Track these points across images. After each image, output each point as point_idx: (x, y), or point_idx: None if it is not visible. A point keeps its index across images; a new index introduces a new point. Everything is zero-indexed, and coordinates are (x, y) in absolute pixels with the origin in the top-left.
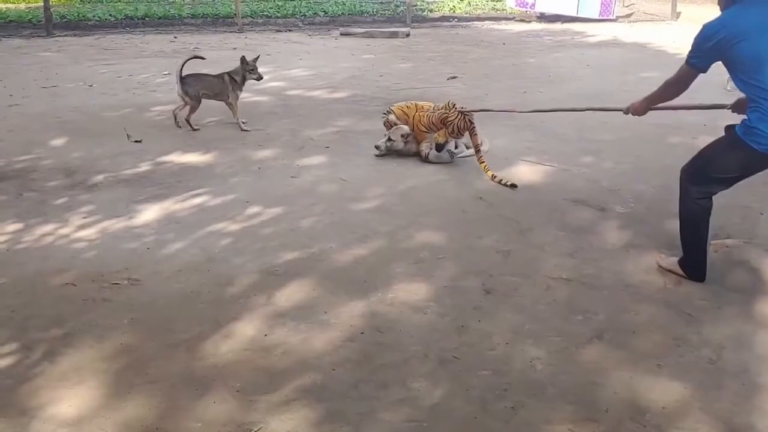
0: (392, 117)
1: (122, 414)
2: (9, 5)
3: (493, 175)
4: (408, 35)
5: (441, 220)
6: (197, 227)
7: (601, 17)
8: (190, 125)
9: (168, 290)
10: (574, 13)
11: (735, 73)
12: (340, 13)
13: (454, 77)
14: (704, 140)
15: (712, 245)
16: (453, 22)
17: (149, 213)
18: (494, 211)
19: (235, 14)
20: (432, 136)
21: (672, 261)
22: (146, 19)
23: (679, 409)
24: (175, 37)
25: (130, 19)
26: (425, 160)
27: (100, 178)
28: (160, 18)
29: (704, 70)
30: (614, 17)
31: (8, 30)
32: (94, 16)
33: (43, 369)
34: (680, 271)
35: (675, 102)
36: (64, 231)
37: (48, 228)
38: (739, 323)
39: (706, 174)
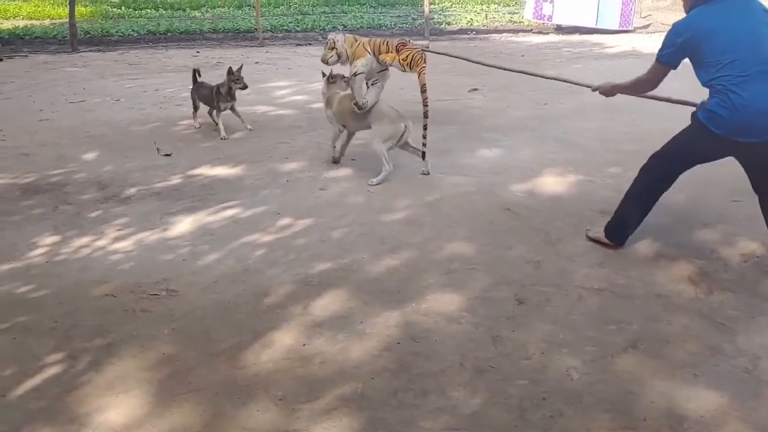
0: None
1: (168, 422)
2: (34, 21)
3: (425, 126)
4: (427, 48)
5: (470, 231)
6: (231, 239)
7: (620, 28)
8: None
9: (206, 301)
10: (593, 25)
11: (700, 66)
12: (358, 26)
13: (475, 89)
14: None
15: (742, 255)
16: (471, 35)
17: (183, 225)
18: (522, 221)
19: (255, 29)
20: (363, 65)
21: (599, 231)
22: (168, 34)
23: (718, 418)
24: (198, 52)
25: (152, 34)
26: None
27: (132, 191)
28: (181, 33)
29: (674, 66)
30: (632, 28)
31: (34, 46)
32: (117, 32)
33: (89, 378)
34: (602, 238)
35: (647, 93)
36: (101, 243)
37: (85, 240)
38: None
39: (673, 155)
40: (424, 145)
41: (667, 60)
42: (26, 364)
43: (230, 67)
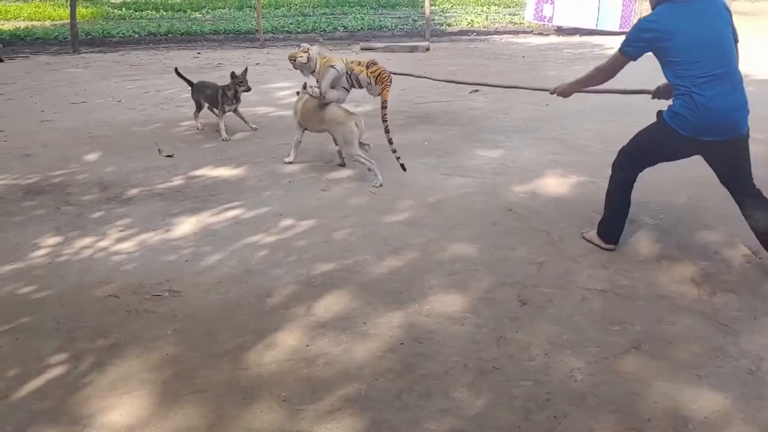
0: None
1: (172, 423)
2: (35, 22)
3: (391, 139)
4: (427, 49)
5: (472, 232)
6: (233, 239)
7: (621, 30)
8: (195, 120)
9: (209, 301)
10: (593, 26)
11: (665, 64)
12: (359, 28)
13: (476, 90)
14: None
15: (745, 257)
16: (472, 36)
17: (185, 226)
18: (524, 222)
19: (256, 30)
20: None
21: (594, 233)
22: (169, 35)
23: (722, 419)
24: (199, 53)
25: (153, 35)
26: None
27: (134, 191)
28: (182, 34)
29: (635, 59)
30: None
31: (35, 47)
32: (118, 33)
33: (92, 379)
34: (598, 241)
35: (602, 86)
36: (103, 244)
37: (87, 241)
38: None
39: (639, 153)
40: (398, 158)
41: (629, 53)
42: (29, 365)
43: (233, 72)
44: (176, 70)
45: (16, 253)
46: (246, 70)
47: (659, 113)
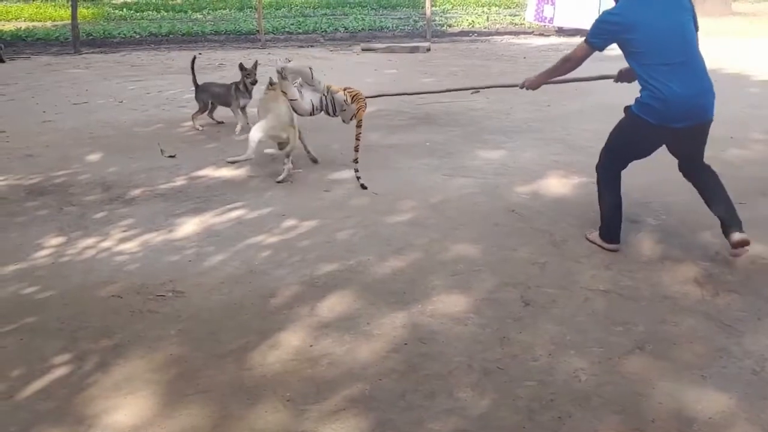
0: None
1: (177, 423)
2: (36, 23)
3: (356, 159)
4: (428, 50)
5: (475, 233)
6: (236, 240)
7: None
8: (194, 122)
9: (212, 302)
10: None
11: (628, 55)
12: (360, 28)
13: (477, 91)
14: (732, 153)
15: (747, 258)
16: (472, 37)
17: (188, 226)
18: (527, 223)
19: (257, 30)
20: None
21: (596, 234)
22: (170, 36)
23: (726, 420)
24: (200, 54)
25: (154, 36)
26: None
27: (137, 192)
28: (183, 35)
29: (601, 50)
30: None
31: (36, 47)
32: (119, 34)
33: (96, 379)
34: (600, 242)
35: (566, 76)
36: (106, 244)
37: (90, 241)
38: None
39: (618, 149)
40: (358, 177)
41: (594, 44)
42: (34, 365)
43: (241, 63)
44: (194, 60)
45: (19, 253)
46: (256, 63)
47: (627, 108)
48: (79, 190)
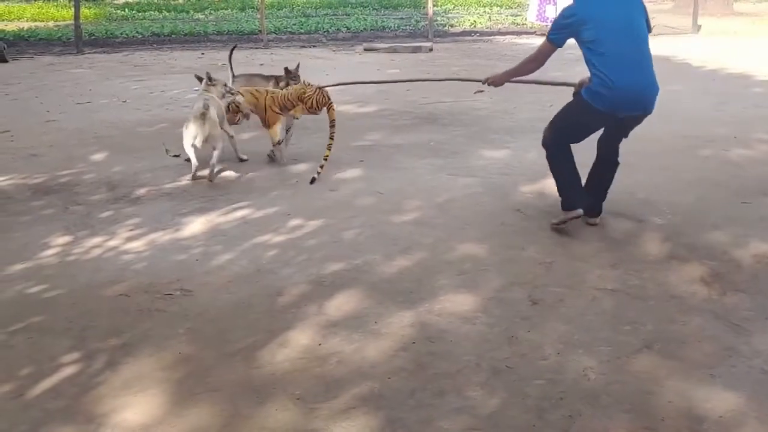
0: (239, 98)
1: (187, 421)
2: (38, 23)
3: (326, 157)
4: (431, 50)
5: (481, 233)
6: (243, 239)
7: None
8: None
9: (220, 301)
10: None
11: (584, 47)
12: (362, 28)
13: (481, 90)
14: (736, 153)
15: (754, 257)
16: (474, 37)
17: (195, 225)
18: (533, 223)
19: (260, 30)
20: (282, 122)
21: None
22: (173, 36)
23: (736, 419)
24: (203, 54)
25: (157, 36)
26: (270, 155)
27: (142, 191)
28: (186, 35)
29: (561, 46)
30: None
31: (39, 47)
32: (121, 34)
33: (105, 378)
34: (563, 216)
35: (530, 77)
36: (113, 243)
37: (96, 240)
38: None
39: (563, 129)
40: (318, 172)
41: (554, 41)
42: (43, 364)
43: (286, 67)
44: (232, 50)
45: (26, 252)
46: (298, 65)
47: (576, 93)
48: (85, 190)
